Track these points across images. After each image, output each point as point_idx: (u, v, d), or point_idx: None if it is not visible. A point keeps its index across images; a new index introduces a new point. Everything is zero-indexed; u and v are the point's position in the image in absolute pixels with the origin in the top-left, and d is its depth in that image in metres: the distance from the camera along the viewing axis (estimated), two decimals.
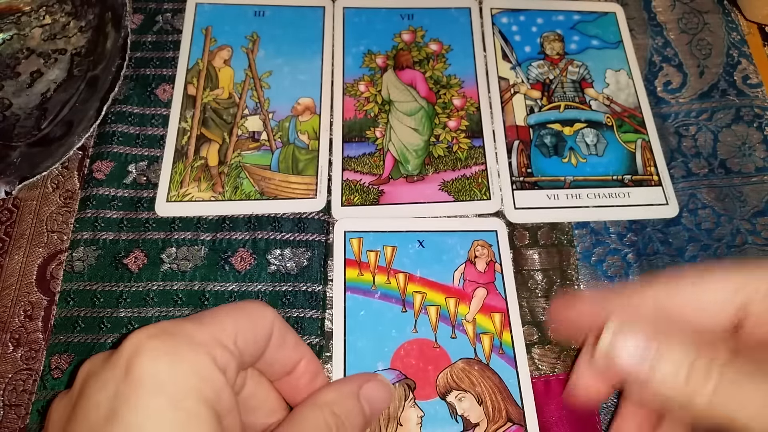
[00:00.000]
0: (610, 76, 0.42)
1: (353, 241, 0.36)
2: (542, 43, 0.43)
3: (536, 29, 0.44)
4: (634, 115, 0.41)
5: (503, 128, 0.40)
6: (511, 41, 0.43)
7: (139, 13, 0.42)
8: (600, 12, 0.45)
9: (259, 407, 0.26)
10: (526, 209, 0.38)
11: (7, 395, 0.32)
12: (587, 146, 0.40)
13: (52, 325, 0.34)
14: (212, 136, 0.39)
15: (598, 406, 0.33)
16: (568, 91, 0.42)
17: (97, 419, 0.19)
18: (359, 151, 0.39)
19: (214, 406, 0.20)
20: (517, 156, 0.39)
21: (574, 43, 0.44)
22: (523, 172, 0.39)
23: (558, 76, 0.42)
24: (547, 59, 0.43)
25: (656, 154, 0.40)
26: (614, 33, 0.44)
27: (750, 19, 0.44)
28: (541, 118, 0.41)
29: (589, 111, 0.41)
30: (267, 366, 0.25)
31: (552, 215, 0.38)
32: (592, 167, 0.39)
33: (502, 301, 0.35)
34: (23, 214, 0.37)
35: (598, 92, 0.42)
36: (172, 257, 0.35)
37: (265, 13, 0.43)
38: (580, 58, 0.43)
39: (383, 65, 0.42)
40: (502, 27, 0.44)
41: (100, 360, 0.21)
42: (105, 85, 0.38)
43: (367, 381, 0.27)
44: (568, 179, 0.39)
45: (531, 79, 0.42)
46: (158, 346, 0.20)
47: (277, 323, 0.24)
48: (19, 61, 0.41)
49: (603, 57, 0.43)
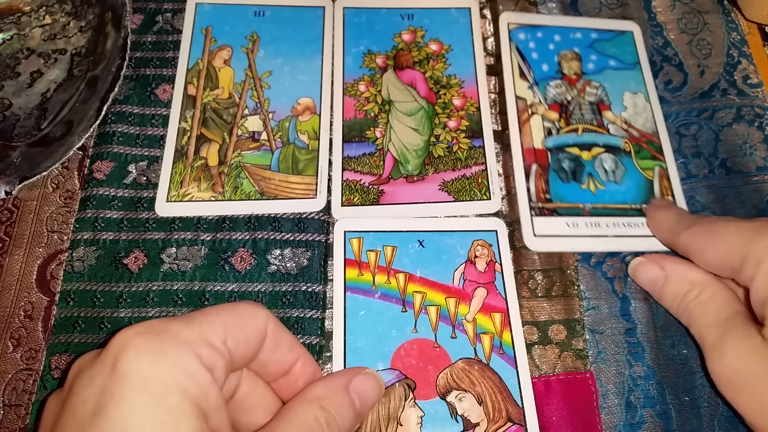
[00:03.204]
0: (627, 98, 0.41)
1: (353, 241, 0.36)
2: (560, 61, 0.42)
3: (553, 47, 0.43)
4: (652, 141, 0.40)
5: (521, 151, 0.39)
6: (529, 59, 0.42)
7: (139, 13, 0.42)
8: (617, 30, 0.44)
9: (255, 408, 0.26)
10: (545, 237, 0.36)
11: (7, 395, 0.32)
12: (606, 172, 0.38)
13: (52, 325, 0.34)
14: (212, 136, 0.39)
15: (598, 406, 0.33)
16: (586, 114, 0.40)
17: (84, 415, 0.19)
18: (359, 151, 0.39)
19: (199, 404, 0.20)
20: (536, 180, 0.38)
21: (591, 62, 0.42)
22: (541, 197, 0.37)
23: (576, 97, 0.41)
24: (564, 79, 0.41)
25: (674, 183, 0.39)
26: (631, 53, 0.43)
27: (750, 19, 0.44)
28: (559, 141, 0.39)
29: (608, 135, 0.40)
30: (261, 367, 0.25)
31: (571, 244, 0.36)
32: (610, 195, 0.38)
33: (503, 301, 0.35)
34: (23, 214, 0.37)
35: (616, 115, 0.41)
36: (172, 257, 0.35)
37: (265, 13, 0.43)
38: (597, 79, 0.42)
39: (383, 65, 0.42)
40: (519, 43, 0.42)
41: (90, 358, 0.21)
42: (105, 85, 0.38)
43: (356, 375, 0.27)
44: (587, 206, 0.37)
45: (549, 99, 0.41)
46: (144, 343, 0.20)
47: (271, 324, 0.24)
48: (19, 61, 0.41)
49: (620, 78, 0.42)
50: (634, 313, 0.35)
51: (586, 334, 0.35)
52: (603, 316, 0.35)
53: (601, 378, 0.34)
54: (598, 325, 0.35)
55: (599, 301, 0.36)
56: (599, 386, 0.33)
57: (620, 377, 0.34)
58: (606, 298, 0.36)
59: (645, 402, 0.33)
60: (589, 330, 0.35)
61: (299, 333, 0.34)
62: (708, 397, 0.33)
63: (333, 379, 0.27)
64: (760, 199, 0.38)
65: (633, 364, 0.34)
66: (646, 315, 0.35)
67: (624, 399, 0.33)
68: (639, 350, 0.34)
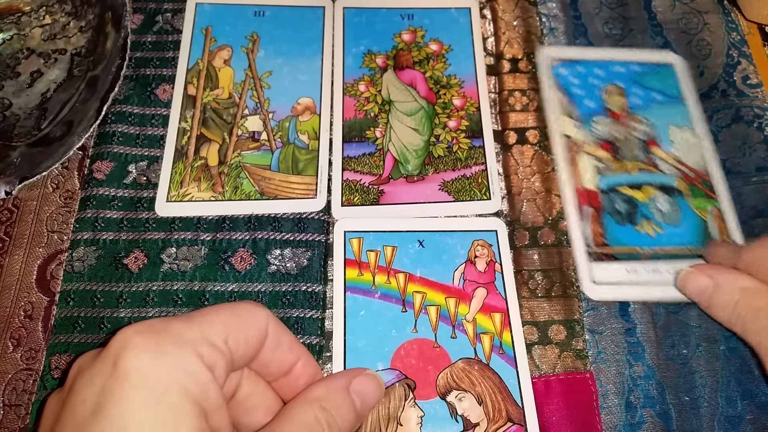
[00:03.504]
0: (674, 133, 0.39)
1: (353, 241, 0.36)
2: (605, 97, 0.41)
3: (597, 82, 0.41)
4: (704, 180, 0.38)
5: (573, 192, 0.37)
6: (573, 95, 0.40)
7: (139, 13, 0.42)
8: (657, 63, 0.42)
9: (256, 408, 0.26)
10: (605, 284, 0.35)
11: (7, 395, 0.32)
12: (661, 214, 0.37)
13: (52, 325, 0.34)
14: (212, 136, 0.39)
15: (598, 406, 0.33)
16: (636, 151, 0.39)
17: (84, 414, 0.19)
18: (359, 151, 0.39)
19: (199, 402, 0.20)
20: (591, 224, 0.36)
21: (636, 97, 0.41)
22: (598, 242, 0.36)
23: (624, 133, 0.39)
24: (611, 115, 0.40)
25: (729, 224, 0.37)
26: (674, 86, 0.41)
27: (750, 19, 0.44)
28: (611, 182, 0.38)
29: (660, 174, 0.38)
30: (262, 367, 0.25)
31: (633, 292, 0.35)
32: (668, 238, 0.36)
33: (502, 301, 0.35)
34: (23, 214, 0.37)
35: (666, 152, 0.39)
36: (172, 257, 0.35)
37: (265, 13, 0.43)
38: (644, 114, 0.40)
39: (383, 65, 0.42)
40: (561, 78, 0.41)
41: (90, 357, 0.21)
42: (105, 85, 0.38)
43: (356, 375, 0.27)
44: (646, 251, 0.36)
45: (597, 137, 0.39)
46: (144, 342, 0.20)
47: (272, 324, 0.24)
48: (19, 61, 0.41)
49: (666, 113, 0.40)
50: (633, 314, 0.35)
51: (585, 335, 0.35)
52: (602, 316, 0.35)
53: (601, 378, 0.34)
54: (598, 326, 0.35)
55: (599, 301, 0.36)
56: (599, 386, 0.34)
57: (620, 377, 0.34)
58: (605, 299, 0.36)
59: (645, 402, 0.33)
60: (589, 330, 0.35)
61: (299, 333, 0.34)
62: (708, 397, 0.33)
63: (334, 379, 0.27)
64: (760, 200, 0.38)
65: (633, 364, 0.34)
66: (645, 315, 0.35)
67: (624, 399, 0.33)
68: (639, 350, 0.34)
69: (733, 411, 0.33)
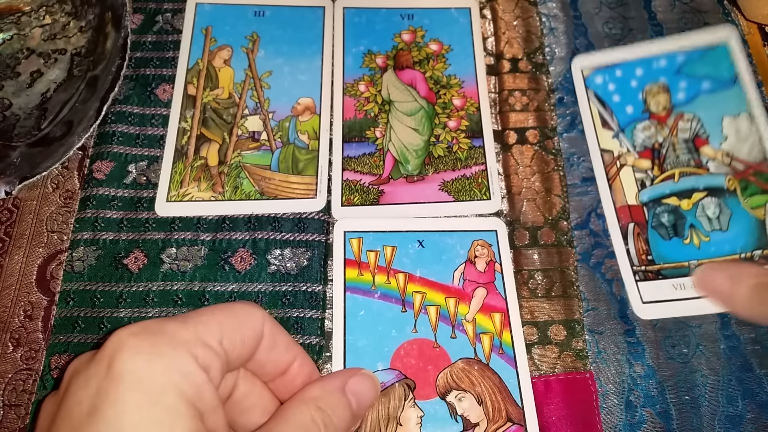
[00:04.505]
0: (728, 125, 0.36)
1: (353, 241, 0.36)
2: (645, 98, 0.38)
3: (636, 83, 0.38)
4: (761, 172, 0.35)
5: (614, 210, 0.36)
6: (610, 104, 0.38)
7: (139, 13, 0.42)
8: (707, 45, 0.38)
9: (252, 408, 0.26)
10: (654, 303, 0.34)
11: (7, 395, 0.32)
12: (709, 221, 0.34)
13: (52, 325, 0.34)
14: (212, 136, 0.39)
15: (598, 405, 0.33)
16: (681, 155, 0.36)
17: (80, 416, 0.19)
18: (359, 151, 0.39)
19: (194, 403, 0.20)
20: (635, 241, 0.35)
21: (681, 91, 0.37)
22: (643, 260, 0.35)
23: (668, 137, 0.36)
24: (653, 118, 0.37)
25: None
26: (728, 68, 0.37)
27: (750, 19, 0.44)
28: (654, 193, 0.36)
29: (708, 176, 0.35)
30: (259, 367, 0.25)
31: (684, 308, 0.34)
32: (717, 246, 0.34)
33: (502, 301, 0.35)
34: (23, 214, 0.37)
35: (716, 149, 0.36)
36: (172, 257, 0.35)
37: (265, 13, 0.43)
38: (690, 110, 0.37)
39: (383, 65, 0.42)
40: (596, 89, 0.38)
41: (85, 359, 0.21)
42: (105, 85, 0.38)
43: (352, 375, 0.27)
44: (692, 264, 0.34)
45: (638, 146, 0.37)
46: (139, 343, 0.20)
47: (268, 325, 0.24)
48: (19, 61, 0.41)
49: (717, 102, 0.37)
50: (632, 314, 0.35)
51: (585, 335, 0.35)
52: (602, 316, 0.35)
53: (600, 378, 0.34)
54: (598, 326, 0.35)
55: (599, 301, 0.36)
56: (599, 386, 0.34)
57: (620, 377, 0.34)
58: (605, 299, 0.36)
59: (645, 401, 0.33)
60: (589, 330, 0.35)
61: (299, 333, 0.34)
62: (708, 396, 0.33)
63: (330, 380, 0.27)
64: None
65: (633, 364, 0.34)
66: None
67: (624, 399, 0.33)
68: (639, 350, 0.34)
69: (733, 410, 0.33)
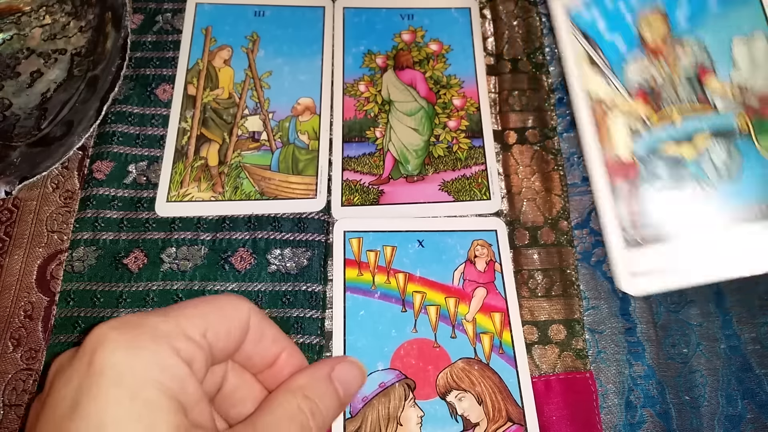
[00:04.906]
0: (739, 49, 0.30)
1: (353, 241, 0.36)
2: (639, 28, 0.33)
3: (629, 13, 0.33)
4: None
5: (603, 166, 0.31)
6: (598, 40, 0.33)
7: (139, 13, 0.42)
8: None
9: (243, 400, 0.26)
10: (645, 274, 0.30)
11: (7, 395, 0.32)
12: (716, 169, 0.30)
13: (52, 325, 0.34)
14: (212, 136, 0.39)
15: (598, 405, 0.33)
16: (681, 91, 0.31)
17: (62, 412, 0.19)
18: (359, 151, 0.39)
19: (177, 397, 0.20)
20: (626, 203, 0.30)
21: (681, 13, 0.32)
22: (637, 223, 0.30)
23: (666, 72, 0.31)
24: (647, 49, 0.32)
25: None
26: None
27: None
28: (651, 144, 0.31)
29: (714, 115, 0.30)
30: (246, 359, 0.25)
31: (684, 278, 0.30)
32: (725, 199, 0.29)
33: (502, 301, 0.35)
34: (23, 214, 0.37)
35: (724, 81, 0.30)
36: (172, 257, 0.35)
37: (265, 13, 0.43)
38: (694, 35, 0.31)
39: (383, 65, 0.42)
40: (583, 26, 0.33)
41: (68, 356, 0.21)
42: (105, 85, 0.38)
43: (338, 363, 0.27)
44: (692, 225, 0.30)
45: (631, 87, 0.32)
46: (119, 337, 0.20)
47: (254, 317, 0.24)
48: (19, 61, 0.41)
49: (726, 21, 0.31)
50: (633, 313, 0.35)
51: (585, 334, 0.35)
52: (603, 315, 0.35)
53: (600, 378, 0.34)
54: (598, 325, 0.35)
55: (599, 300, 0.36)
56: (599, 386, 0.34)
57: (620, 377, 0.34)
58: (606, 298, 0.36)
59: (645, 401, 0.33)
60: (589, 330, 0.35)
61: (299, 333, 0.34)
62: (708, 396, 0.33)
63: (316, 368, 0.26)
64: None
65: (633, 364, 0.34)
66: (645, 314, 0.35)
67: (624, 399, 0.33)
68: (639, 349, 0.34)
69: (733, 410, 0.33)
